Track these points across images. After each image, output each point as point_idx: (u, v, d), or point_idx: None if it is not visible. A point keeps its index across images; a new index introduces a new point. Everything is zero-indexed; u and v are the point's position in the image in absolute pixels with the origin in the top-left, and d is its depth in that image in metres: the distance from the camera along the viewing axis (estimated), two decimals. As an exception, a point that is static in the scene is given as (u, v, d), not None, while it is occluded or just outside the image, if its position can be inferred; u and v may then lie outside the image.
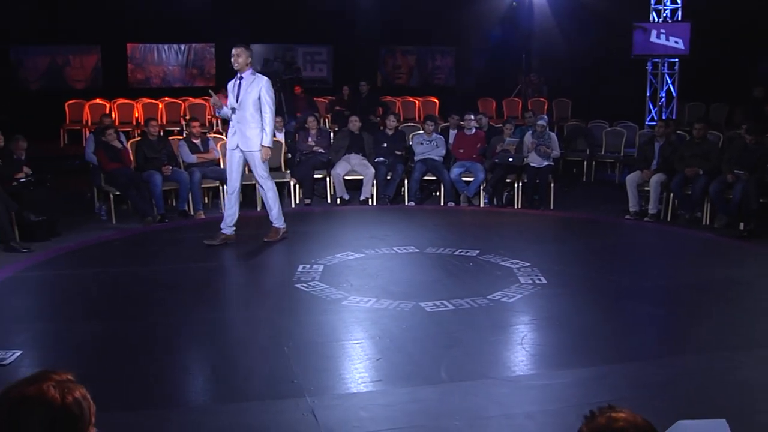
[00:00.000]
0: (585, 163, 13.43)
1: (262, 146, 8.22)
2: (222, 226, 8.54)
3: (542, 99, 17.13)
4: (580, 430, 1.87)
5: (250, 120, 8.15)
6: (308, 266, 7.52)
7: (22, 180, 9.26)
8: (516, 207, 11.03)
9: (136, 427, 4.25)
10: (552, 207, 10.86)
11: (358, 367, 5.11)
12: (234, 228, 8.57)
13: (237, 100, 8.15)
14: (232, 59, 8.12)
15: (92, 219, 10.17)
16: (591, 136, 13.65)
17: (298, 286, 6.93)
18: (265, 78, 8.27)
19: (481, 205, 11.14)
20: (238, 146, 8.26)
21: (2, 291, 6.91)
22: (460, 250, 8.15)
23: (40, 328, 5.98)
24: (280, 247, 8.61)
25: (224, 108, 8.35)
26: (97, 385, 4.74)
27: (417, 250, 8.21)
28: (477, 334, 5.75)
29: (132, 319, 6.15)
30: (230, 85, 8.33)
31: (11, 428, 1.65)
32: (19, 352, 5.25)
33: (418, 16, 17.25)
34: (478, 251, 8.08)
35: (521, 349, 5.46)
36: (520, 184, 11.03)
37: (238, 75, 8.19)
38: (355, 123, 11.72)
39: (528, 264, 7.57)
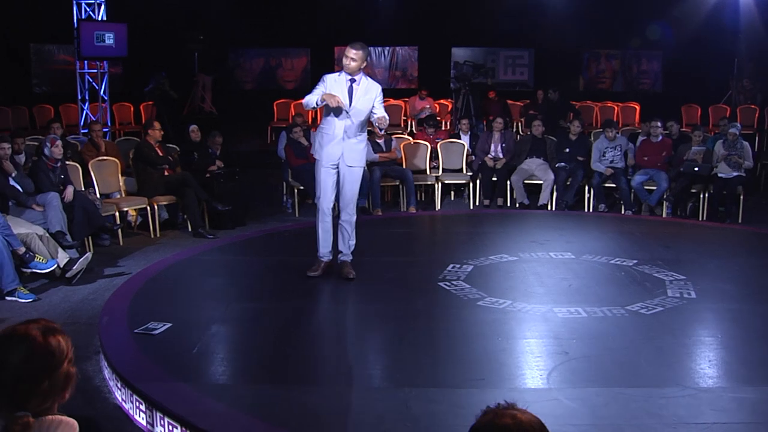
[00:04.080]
0: (792, 175, 12.52)
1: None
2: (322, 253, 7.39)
3: (753, 106, 16.06)
4: (472, 427, 1.92)
5: (358, 131, 7.05)
6: (458, 266, 7.66)
7: (215, 172, 10.14)
8: (700, 219, 10.53)
9: (237, 400, 4.67)
10: (740, 221, 10.26)
11: (465, 365, 5.23)
12: (331, 253, 7.43)
13: (350, 107, 6.96)
14: (345, 60, 6.90)
15: (279, 211, 10.96)
16: (800, 146, 12.70)
17: (440, 284, 7.10)
18: (378, 84, 7.25)
19: (664, 215, 10.73)
20: (339, 162, 7.07)
21: (176, 270, 7.64)
22: (616, 259, 7.94)
23: (196, 304, 6.58)
24: (437, 246, 8.87)
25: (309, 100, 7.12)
26: (221, 358, 5.28)
27: (572, 257, 8.10)
28: (598, 343, 5.66)
29: (277, 303, 6.64)
30: (334, 82, 7.00)
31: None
32: (169, 325, 5.85)
33: (624, 19, 16.77)
34: (635, 261, 7.83)
35: (636, 362, 5.31)
36: (706, 195, 10.51)
37: (349, 77, 6.95)
38: (538, 127, 11.72)
39: (683, 277, 7.24)
